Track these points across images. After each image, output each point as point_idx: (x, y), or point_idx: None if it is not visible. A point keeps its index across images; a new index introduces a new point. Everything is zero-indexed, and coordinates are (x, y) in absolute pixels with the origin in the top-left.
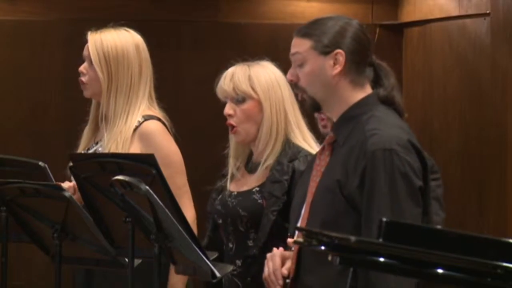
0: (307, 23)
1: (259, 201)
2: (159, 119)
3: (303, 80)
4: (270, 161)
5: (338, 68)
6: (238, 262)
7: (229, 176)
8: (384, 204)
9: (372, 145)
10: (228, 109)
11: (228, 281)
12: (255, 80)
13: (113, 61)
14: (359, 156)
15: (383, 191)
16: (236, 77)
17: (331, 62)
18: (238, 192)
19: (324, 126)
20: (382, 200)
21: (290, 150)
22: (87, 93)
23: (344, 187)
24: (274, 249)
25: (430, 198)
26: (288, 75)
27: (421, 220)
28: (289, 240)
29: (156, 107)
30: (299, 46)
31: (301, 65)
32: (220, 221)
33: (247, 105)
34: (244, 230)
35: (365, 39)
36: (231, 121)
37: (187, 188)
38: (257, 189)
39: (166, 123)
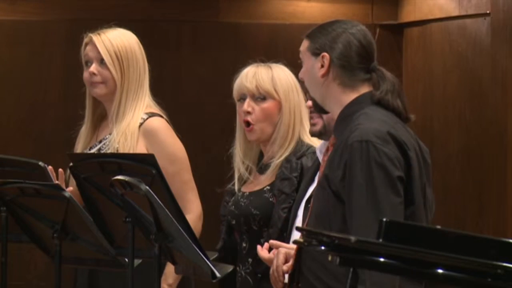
0: (319, 25)
1: (270, 199)
2: (161, 116)
3: (304, 79)
4: (280, 160)
5: (322, 70)
6: (251, 260)
7: (236, 177)
8: (361, 194)
9: (351, 138)
10: (247, 106)
11: (241, 279)
12: (278, 81)
13: (124, 59)
14: (343, 149)
15: (359, 181)
16: (259, 75)
17: (319, 64)
18: (250, 192)
19: (313, 124)
20: (359, 190)
21: (301, 148)
22: (99, 92)
23: (331, 181)
24: (280, 248)
25: (416, 188)
26: (300, 73)
27: (403, 210)
28: (272, 242)
29: (154, 103)
30: (302, 45)
31: (302, 64)
32: (234, 222)
33: (268, 104)
34: (257, 229)
35: (359, 45)
36: (248, 118)
37: (193, 184)
38: (268, 187)
39: (168, 121)
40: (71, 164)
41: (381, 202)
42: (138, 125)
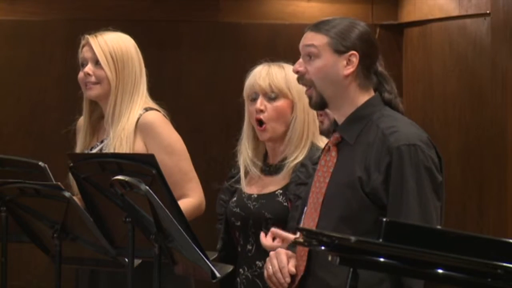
0: (322, 20)
1: (284, 203)
2: (158, 111)
3: (313, 74)
4: (295, 163)
5: (350, 69)
6: (259, 263)
7: (242, 175)
8: (412, 197)
9: (395, 141)
10: (259, 104)
11: (247, 281)
12: (291, 80)
13: (119, 61)
14: (380, 153)
15: (410, 185)
16: (272, 74)
17: (344, 62)
18: (259, 195)
19: (321, 122)
20: (410, 193)
21: (316, 153)
22: (93, 93)
23: (366, 184)
24: (278, 249)
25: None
26: (296, 65)
27: (441, 214)
28: (273, 230)
29: (153, 103)
30: (315, 39)
31: (312, 58)
32: (239, 223)
33: (280, 103)
34: (267, 232)
35: (377, 45)
36: (261, 116)
37: (193, 174)
38: (281, 191)
39: (166, 115)
40: (71, 164)
41: (429, 206)
42: (135, 124)
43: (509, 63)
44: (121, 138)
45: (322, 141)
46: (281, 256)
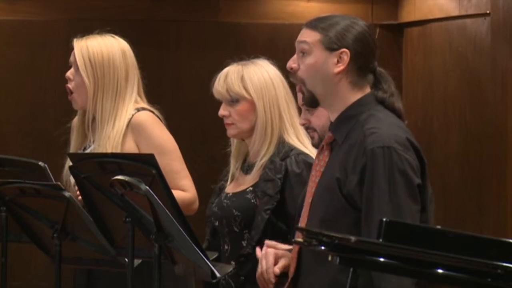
0: (319, 17)
1: (252, 200)
2: (150, 111)
3: (304, 70)
4: (264, 160)
5: (340, 67)
6: (233, 263)
7: (229, 177)
8: (384, 201)
9: (371, 143)
10: (222, 111)
11: (225, 282)
12: (248, 80)
13: (99, 67)
14: (358, 154)
15: (382, 188)
16: (229, 78)
17: (335, 59)
18: (233, 193)
19: (312, 138)
20: (382, 197)
21: (283, 149)
22: (75, 103)
23: (344, 186)
24: (268, 248)
25: (428, 195)
26: (290, 61)
27: (419, 217)
28: (268, 242)
29: (146, 104)
30: (308, 36)
31: (304, 55)
32: (217, 223)
33: (241, 105)
34: (238, 231)
35: (373, 44)
36: (227, 121)
37: (186, 173)
38: (251, 188)
39: (159, 116)
40: (71, 164)
41: (403, 210)
42: (124, 128)
43: (509, 63)
44: (106, 149)
45: (290, 137)
46: (268, 257)
